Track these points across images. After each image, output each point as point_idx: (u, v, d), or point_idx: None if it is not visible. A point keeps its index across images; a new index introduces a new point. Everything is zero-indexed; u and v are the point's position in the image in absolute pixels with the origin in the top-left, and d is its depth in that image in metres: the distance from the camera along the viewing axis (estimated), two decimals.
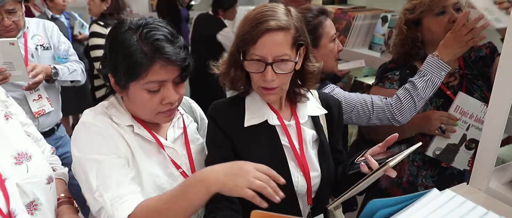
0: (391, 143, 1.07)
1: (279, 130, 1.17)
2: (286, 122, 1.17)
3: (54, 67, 2.01)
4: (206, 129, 1.24)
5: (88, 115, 1.13)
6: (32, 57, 2.00)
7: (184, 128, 1.25)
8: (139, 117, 1.16)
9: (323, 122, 1.24)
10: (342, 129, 1.32)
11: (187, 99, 1.37)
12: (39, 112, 2.01)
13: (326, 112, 1.24)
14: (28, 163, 0.98)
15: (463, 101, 1.48)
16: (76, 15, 3.95)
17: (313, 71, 1.16)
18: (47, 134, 2.05)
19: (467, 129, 1.51)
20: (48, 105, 2.04)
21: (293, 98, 1.21)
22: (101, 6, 2.82)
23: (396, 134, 1.06)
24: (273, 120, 1.16)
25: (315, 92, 1.29)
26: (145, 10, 5.01)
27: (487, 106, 1.42)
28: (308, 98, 1.22)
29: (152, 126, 1.18)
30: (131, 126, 1.14)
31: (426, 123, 1.50)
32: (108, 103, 1.17)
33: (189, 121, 1.30)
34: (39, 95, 2.01)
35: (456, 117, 1.49)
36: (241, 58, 1.08)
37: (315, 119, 1.23)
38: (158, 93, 1.07)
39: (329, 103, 1.26)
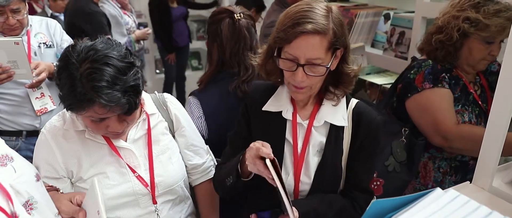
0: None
1: (288, 125, 1.18)
2: (299, 120, 1.17)
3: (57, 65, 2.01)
4: None
5: (45, 127, 1.24)
6: (35, 55, 2.00)
7: (149, 129, 1.27)
8: None
9: (347, 135, 1.18)
10: (371, 151, 1.20)
11: (164, 96, 1.38)
12: (42, 110, 2.01)
13: (344, 125, 1.16)
14: (12, 164, 0.97)
15: None
16: None
17: (348, 73, 1.13)
18: None
19: None
20: (50, 103, 2.04)
21: (321, 96, 1.18)
22: None
23: None
24: (287, 114, 1.17)
25: (354, 101, 1.21)
26: (146, 9, 4.99)
27: None
28: (335, 101, 1.17)
29: None
30: (83, 131, 1.20)
31: None
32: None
33: (157, 121, 1.31)
34: (42, 93, 2.02)
35: None
36: (276, 54, 1.08)
37: (335, 129, 1.17)
38: (102, 121, 1.10)
39: (359, 119, 1.17)
